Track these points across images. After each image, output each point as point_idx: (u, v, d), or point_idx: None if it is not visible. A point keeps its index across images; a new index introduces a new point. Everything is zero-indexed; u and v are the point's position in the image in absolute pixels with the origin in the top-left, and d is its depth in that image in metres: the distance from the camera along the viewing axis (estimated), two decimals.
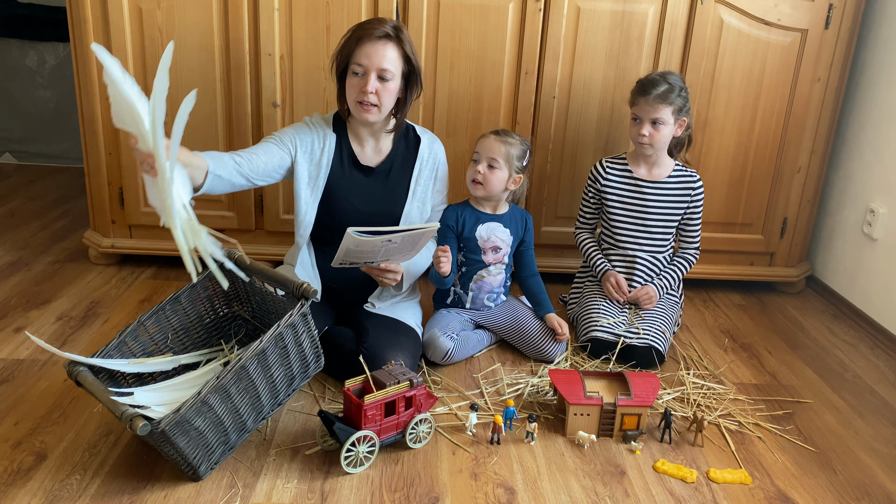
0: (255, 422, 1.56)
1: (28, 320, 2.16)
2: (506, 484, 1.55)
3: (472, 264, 2.08)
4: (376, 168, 1.95)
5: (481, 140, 2.03)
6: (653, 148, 2.13)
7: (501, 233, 2.06)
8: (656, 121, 2.07)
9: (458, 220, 2.05)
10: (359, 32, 1.81)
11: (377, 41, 1.79)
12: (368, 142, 1.95)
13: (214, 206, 2.48)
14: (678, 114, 2.09)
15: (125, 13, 2.27)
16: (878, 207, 2.41)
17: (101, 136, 2.40)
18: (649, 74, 2.14)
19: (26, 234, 2.83)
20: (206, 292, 1.75)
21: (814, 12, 2.36)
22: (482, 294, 2.11)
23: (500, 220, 2.07)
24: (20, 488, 1.46)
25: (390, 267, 1.87)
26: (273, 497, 1.48)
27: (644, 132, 2.08)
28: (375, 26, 1.80)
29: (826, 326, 2.44)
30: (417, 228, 1.72)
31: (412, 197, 1.98)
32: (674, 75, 2.10)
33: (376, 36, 1.79)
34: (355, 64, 1.80)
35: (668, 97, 2.05)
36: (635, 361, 2.03)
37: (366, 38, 1.79)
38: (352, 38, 1.82)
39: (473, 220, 2.05)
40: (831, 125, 2.51)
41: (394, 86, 1.83)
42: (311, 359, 1.61)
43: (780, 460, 1.69)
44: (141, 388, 1.53)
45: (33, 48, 3.62)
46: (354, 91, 1.82)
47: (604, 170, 2.21)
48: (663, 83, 2.05)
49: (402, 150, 1.98)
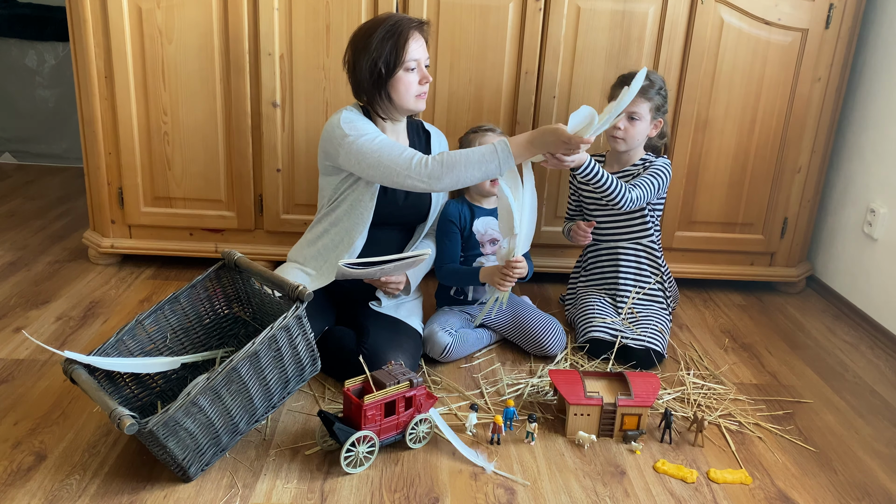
0: (249, 424, 1.56)
1: (28, 320, 2.15)
2: (506, 484, 1.55)
3: (472, 259, 2.09)
4: None
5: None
6: (626, 144, 2.10)
7: (496, 225, 2.07)
8: (633, 115, 2.06)
9: (460, 217, 2.06)
10: (405, 30, 1.81)
11: (420, 36, 1.83)
12: (391, 133, 1.95)
13: (215, 207, 2.48)
14: (655, 112, 2.08)
15: (125, 13, 2.27)
16: (878, 207, 2.41)
17: (100, 136, 2.40)
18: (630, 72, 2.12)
19: (26, 234, 2.83)
20: (205, 293, 1.74)
21: (814, 12, 2.36)
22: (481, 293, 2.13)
23: (493, 213, 2.08)
24: (20, 488, 1.46)
25: (391, 279, 1.90)
26: (273, 497, 1.47)
27: (619, 125, 2.07)
28: (412, 21, 1.83)
29: (826, 326, 2.44)
30: (410, 257, 1.75)
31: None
32: (655, 74, 2.11)
33: (419, 31, 1.83)
34: (410, 59, 1.82)
35: (648, 92, 2.04)
36: (635, 362, 2.02)
37: (412, 35, 1.81)
38: (400, 36, 1.81)
39: (469, 215, 2.07)
40: (831, 125, 2.50)
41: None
42: (306, 362, 1.60)
43: (781, 460, 1.69)
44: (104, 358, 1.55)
45: (33, 48, 3.62)
46: (413, 85, 1.84)
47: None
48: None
49: (417, 143, 2.01)
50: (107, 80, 2.34)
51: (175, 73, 2.33)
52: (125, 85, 2.34)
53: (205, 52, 2.31)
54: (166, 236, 2.53)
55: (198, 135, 2.40)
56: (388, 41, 1.81)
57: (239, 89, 2.35)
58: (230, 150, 2.43)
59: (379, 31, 1.81)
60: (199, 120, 2.38)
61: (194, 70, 2.33)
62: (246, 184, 2.45)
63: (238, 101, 2.36)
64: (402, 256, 1.75)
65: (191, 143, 2.41)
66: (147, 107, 2.37)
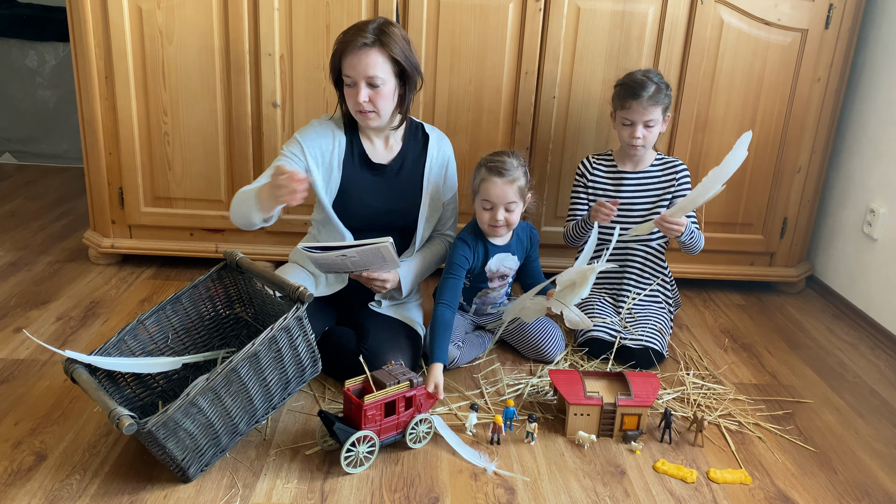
0: (248, 425, 1.56)
1: (28, 320, 2.16)
2: (506, 484, 1.55)
3: (478, 290, 2.06)
4: (388, 165, 1.94)
5: (487, 186, 1.89)
6: (645, 148, 2.13)
7: (510, 261, 2.03)
8: (648, 123, 2.07)
9: (474, 258, 1.97)
10: (341, 45, 1.78)
11: (359, 51, 1.75)
12: (378, 139, 1.94)
13: (215, 207, 2.48)
14: (665, 111, 2.09)
15: (125, 13, 2.27)
16: (878, 207, 2.41)
17: (101, 136, 2.40)
18: (631, 74, 2.10)
19: (26, 234, 2.83)
20: (207, 293, 1.74)
21: (814, 12, 2.36)
22: (485, 305, 2.11)
23: (507, 249, 2.02)
24: (20, 488, 1.46)
25: (372, 275, 1.87)
26: (273, 497, 1.48)
27: (638, 135, 2.07)
28: (355, 36, 1.76)
29: (826, 326, 2.44)
30: (369, 243, 1.70)
31: (425, 194, 1.97)
32: (654, 72, 2.09)
33: (357, 46, 1.74)
34: (344, 75, 1.79)
35: (658, 98, 2.04)
36: (635, 362, 2.02)
37: (348, 50, 1.76)
38: (336, 50, 1.80)
39: (483, 254, 1.99)
40: (831, 125, 2.51)
41: (387, 89, 1.79)
42: (307, 363, 1.60)
43: (780, 460, 1.69)
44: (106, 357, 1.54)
45: (33, 48, 3.62)
46: (351, 101, 1.81)
47: (591, 165, 2.21)
48: (650, 83, 2.03)
49: (412, 147, 1.97)
50: (107, 80, 2.34)
51: (175, 73, 2.33)
52: (125, 85, 2.34)
53: (205, 53, 2.31)
54: (167, 236, 2.53)
55: (198, 135, 2.40)
56: (333, 55, 1.81)
57: (239, 89, 2.35)
58: (230, 151, 2.43)
59: (335, 42, 1.81)
60: (199, 120, 2.38)
61: (194, 70, 2.33)
62: (246, 184, 2.44)
63: (238, 102, 2.37)
64: (361, 243, 1.71)
65: (191, 143, 2.41)
66: (147, 107, 2.37)
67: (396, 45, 1.78)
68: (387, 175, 1.94)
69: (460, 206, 2.35)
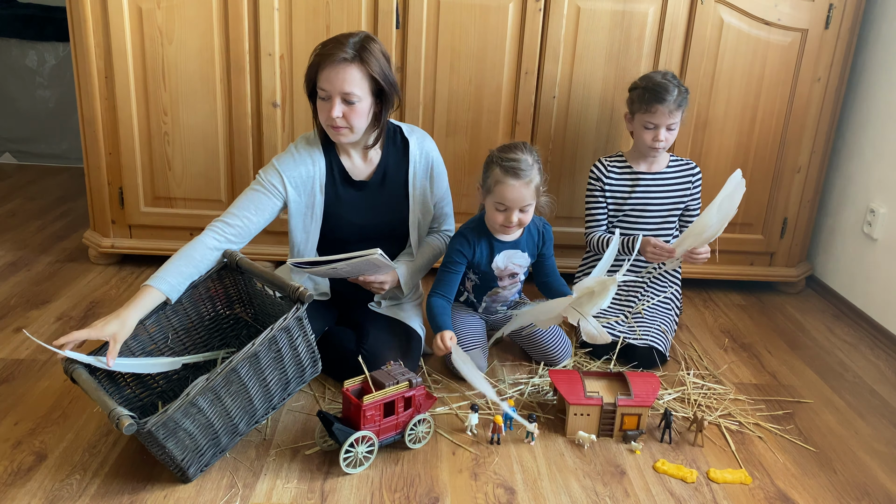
0: (248, 425, 1.56)
1: (28, 320, 2.16)
2: (506, 484, 1.55)
3: (488, 290, 2.03)
4: (370, 181, 1.89)
5: (502, 189, 1.81)
6: (664, 150, 2.14)
7: (519, 258, 1.97)
8: (671, 125, 2.06)
9: (473, 253, 1.92)
10: (318, 58, 1.73)
11: (337, 65, 1.69)
12: (356, 153, 1.89)
13: (215, 207, 2.48)
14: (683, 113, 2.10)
15: (125, 13, 2.27)
16: (878, 207, 2.41)
17: (101, 136, 2.40)
18: (651, 77, 2.08)
19: (26, 234, 2.83)
20: (207, 293, 1.74)
21: (814, 12, 2.36)
22: (495, 304, 2.07)
23: (516, 245, 1.95)
24: (20, 488, 1.46)
25: (369, 279, 1.86)
26: (273, 497, 1.48)
27: (661, 138, 2.06)
28: (334, 49, 1.69)
29: (826, 326, 2.44)
30: (357, 256, 1.68)
31: (413, 201, 1.93)
32: (671, 74, 2.09)
33: (336, 60, 1.69)
34: (319, 88, 1.74)
35: (681, 101, 2.05)
36: (637, 362, 2.02)
37: (325, 63, 1.70)
38: (313, 62, 1.74)
39: (488, 252, 1.93)
40: (831, 125, 2.51)
41: (362, 106, 1.73)
42: (307, 363, 1.60)
43: (781, 460, 1.69)
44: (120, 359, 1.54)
45: (33, 48, 3.61)
46: (324, 114, 1.75)
47: (605, 168, 2.18)
48: (674, 87, 2.03)
49: (392, 156, 1.91)
50: (107, 80, 2.34)
51: (175, 73, 2.33)
52: (125, 85, 2.34)
53: (205, 53, 2.31)
54: (166, 236, 2.53)
55: (198, 135, 2.40)
56: (310, 67, 1.75)
57: (239, 89, 2.35)
58: (230, 151, 2.43)
59: (311, 54, 1.76)
60: (199, 120, 2.38)
61: (194, 70, 2.33)
62: (246, 184, 2.44)
63: (238, 102, 2.36)
64: (349, 256, 1.69)
65: (191, 143, 2.41)
66: (147, 107, 2.37)
67: (376, 63, 1.72)
68: (370, 190, 1.89)
69: (461, 206, 2.35)
